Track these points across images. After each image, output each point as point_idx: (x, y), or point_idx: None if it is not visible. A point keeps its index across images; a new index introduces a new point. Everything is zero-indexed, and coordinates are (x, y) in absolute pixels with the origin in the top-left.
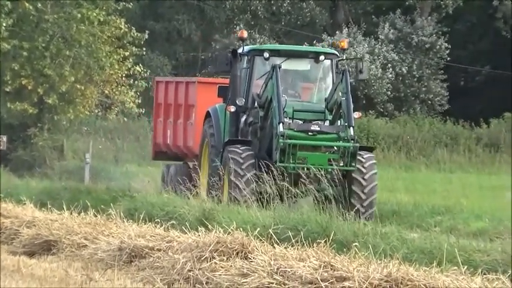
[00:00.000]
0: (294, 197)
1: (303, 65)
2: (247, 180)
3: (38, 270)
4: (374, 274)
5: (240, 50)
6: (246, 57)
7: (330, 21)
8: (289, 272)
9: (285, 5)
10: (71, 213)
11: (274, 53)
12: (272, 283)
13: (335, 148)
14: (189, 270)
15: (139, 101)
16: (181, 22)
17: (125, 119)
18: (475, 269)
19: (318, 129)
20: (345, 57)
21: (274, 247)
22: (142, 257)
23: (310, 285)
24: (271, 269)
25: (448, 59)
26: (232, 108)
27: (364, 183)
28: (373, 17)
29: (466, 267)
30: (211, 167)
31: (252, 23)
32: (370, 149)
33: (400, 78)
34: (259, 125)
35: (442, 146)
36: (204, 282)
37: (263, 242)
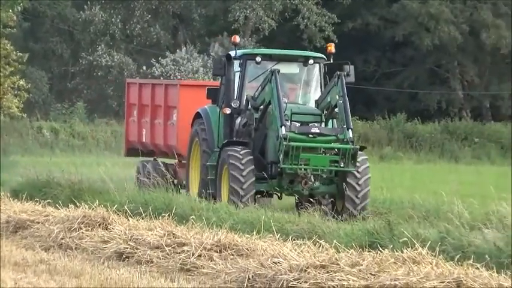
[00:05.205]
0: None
1: (293, 69)
2: (247, 173)
3: None
4: (207, 240)
5: (233, 54)
6: (239, 61)
7: (172, 41)
8: (140, 239)
9: (136, 29)
10: None
11: (266, 57)
12: (127, 248)
13: (335, 150)
14: (62, 238)
15: (22, 107)
16: (55, 43)
17: (11, 120)
18: (286, 236)
19: (318, 131)
20: (332, 61)
21: (128, 220)
22: (25, 228)
23: (157, 249)
24: (126, 237)
25: None
26: (228, 110)
27: (358, 188)
28: (206, 38)
29: (279, 234)
30: (204, 166)
31: (111, 43)
32: (360, 149)
33: None
34: (253, 126)
35: None
36: (74, 248)
37: (120, 216)
